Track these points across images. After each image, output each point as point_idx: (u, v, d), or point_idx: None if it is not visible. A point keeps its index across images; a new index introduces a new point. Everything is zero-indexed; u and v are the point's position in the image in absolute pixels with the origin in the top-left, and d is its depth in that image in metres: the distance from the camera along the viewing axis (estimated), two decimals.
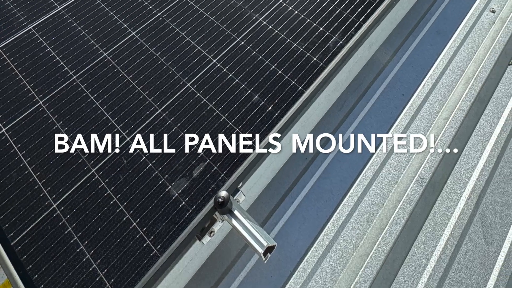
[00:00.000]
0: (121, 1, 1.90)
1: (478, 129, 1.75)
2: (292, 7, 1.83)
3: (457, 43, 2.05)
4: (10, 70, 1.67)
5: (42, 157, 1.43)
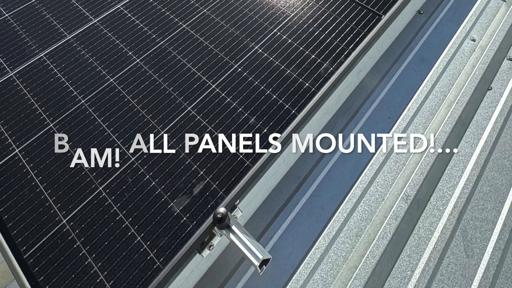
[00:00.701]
0: (127, 31, 1.93)
1: (459, 149, 1.77)
2: (286, 36, 1.87)
3: (439, 69, 2.07)
4: (23, 94, 1.71)
5: (52, 176, 1.47)
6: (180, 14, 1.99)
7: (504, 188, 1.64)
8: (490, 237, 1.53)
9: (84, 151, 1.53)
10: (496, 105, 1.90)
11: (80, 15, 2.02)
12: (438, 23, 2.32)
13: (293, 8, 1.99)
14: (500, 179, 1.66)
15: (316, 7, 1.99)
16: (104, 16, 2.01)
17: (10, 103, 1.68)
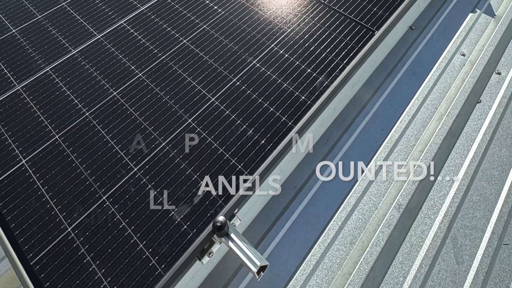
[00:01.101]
0: (129, 46, 1.94)
1: (450, 160, 1.78)
2: (283, 51, 1.88)
3: (431, 83, 2.07)
4: (30, 107, 1.72)
5: (58, 186, 1.48)
6: (181, 30, 2.00)
7: (492, 197, 1.66)
8: (479, 244, 1.55)
9: (88, 161, 1.54)
10: (485, 117, 1.92)
11: (84, 30, 2.04)
12: (429, 39, 2.33)
13: (289, 24, 2.01)
14: (489, 189, 1.68)
15: (312, 23, 2.01)
16: (108, 31, 2.02)
17: (17, 116, 1.69)
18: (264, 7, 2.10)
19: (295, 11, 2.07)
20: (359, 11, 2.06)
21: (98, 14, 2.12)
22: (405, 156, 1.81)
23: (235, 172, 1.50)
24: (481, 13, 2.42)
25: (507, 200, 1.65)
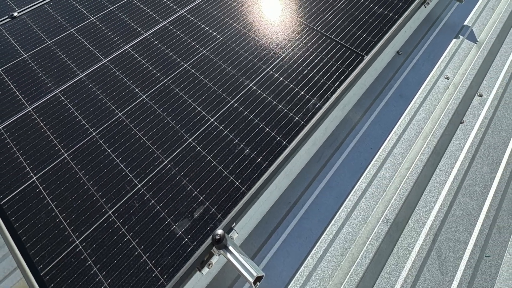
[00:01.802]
0: (134, 70, 1.95)
1: (434, 177, 1.80)
2: (278, 75, 1.90)
3: (416, 104, 2.09)
4: (40, 127, 1.73)
5: (67, 201, 1.48)
6: (182, 54, 2.02)
7: (475, 212, 1.67)
8: (462, 256, 1.56)
9: (95, 178, 1.55)
10: (467, 137, 1.94)
11: (91, 55, 2.06)
12: (415, 63, 2.34)
13: (284, 49, 2.02)
14: (472, 204, 1.70)
15: (305, 48, 2.02)
16: (114, 56, 2.04)
17: (29, 135, 1.70)
18: (260, 34, 2.12)
19: (289, 37, 2.09)
20: (349, 37, 2.08)
21: (104, 40, 2.15)
22: (393, 174, 1.81)
23: (233, 189, 1.50)
24: (464, 39, 2.45)
25: (489, 214, 1.66)
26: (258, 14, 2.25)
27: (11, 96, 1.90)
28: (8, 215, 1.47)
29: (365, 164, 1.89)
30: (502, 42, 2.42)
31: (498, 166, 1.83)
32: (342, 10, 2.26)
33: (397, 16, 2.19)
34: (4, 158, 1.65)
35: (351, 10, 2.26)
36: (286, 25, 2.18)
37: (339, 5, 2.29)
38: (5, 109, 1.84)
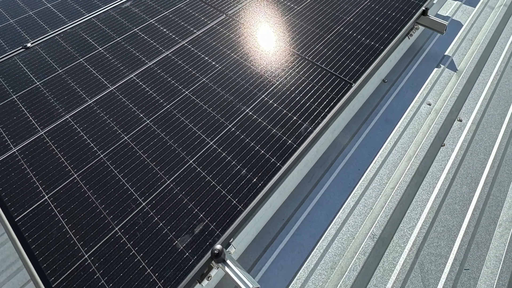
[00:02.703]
0: (138, 96, 2.00)
1: (417, 196, 1.81)
2: (272, 101, 1.94)
3: (401, 129, 2.12)
4: (51, 150, 1.78)
5: (76, 218, 1.53)
6: (183, 82, 2.08)
7: (455, 228, 1.70)
8: (443, 269, 1.58)
9: (103, 197, 1.60)
10: (448, 159, 1.97)
11: (99, 83, 2.11)
12: (399, 90, 2.39)
13: (278, 78, 2.07)
14: (452, 221, 1.73)
15: (297, 77, 2.07)
16: (120, 84, 2.10)
17: (41, 157, 1.75)
18: (256, 63, 2.18)
19: (282, 66, 2.15)
20: (338, 66, 2.13)
21: (111, 69, 2.21)
22: (379, 193, 1.84)
23: (231, 207, 1.54)
24: (444, 68, 2.51)
25: (468, 231, 1.69)
26: (254, 45, 2.32)
27: (25, 121, 1.94)
28: (22, 231, 1.51)
29: (353, 184, 1.92)
30: (480, 71, 2.47)
31: (476, 185, 1.85)
32: (332, 41, 2.33)
33: (383, 46, 2.26)
34: (18, 178, 1.69)
35: (340, 41, 2.33)
36: (280, 55, 2.24)
37: (329, 37, 2.37)
38: (19, 133, 1.89)
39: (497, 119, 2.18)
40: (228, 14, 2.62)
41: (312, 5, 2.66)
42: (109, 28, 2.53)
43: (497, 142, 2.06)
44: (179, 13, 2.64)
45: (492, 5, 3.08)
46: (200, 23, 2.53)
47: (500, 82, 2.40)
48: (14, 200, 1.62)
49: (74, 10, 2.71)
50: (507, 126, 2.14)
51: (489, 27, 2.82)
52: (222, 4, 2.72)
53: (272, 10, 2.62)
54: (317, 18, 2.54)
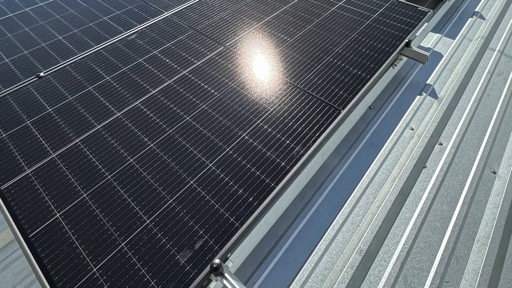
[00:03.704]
0: (143, 122, 2.06)
1: (401, 214, 1.85)
2: (267, 126, 1.99)
3: (386, 152, 2.16)
4: (62, 171, 1.83)
5: (85, 234, 1.58)
6: (185, 109, 2.14)
7: (436, 244, 1.75)
8: (425, 282, 1.62)
9: (110, 215, 1.66)
10: (429, 180, 2.01)
11: (107, 109, 2.17)
12: (384, 116, 2.44)
13: (272, 104, 2.14)
14: (433, 237, 1.77)
15: (290, 103, 2.13)
16: (126, 110, 2.16)
17: (53, 178, 1.80)
18: (252, 91, 2.25)
19: (276, 94, 2.22)
20: (328, 94, 2.20)
21: (117, 96, 2.27)
22: (365, 211, 1.87)
23: (229, 224, 1.59)
24: (426, 95, 2.57)
25: (448, 246, 1.74)
26: (250, 74, 2.39)
27: (38, 144, 2.00)
28: (35, 246, 1.57)
29: (342, 203, 1.96)
30: (459, 98, 2.53)
31: (456, 204, 1.90)
32: (322, 71, 2.42)
33: (369, 76, 2.34)
34: (32, 197, 1.76)
35: (330, 71, 2.42)
36: (274, 83, 2.31)
37: (319, 67, 2.46)
38: (33, 156, 1.95)
39: (475, 143, 2.24)
40: (226, 46, 2.71)
41: (303, 38, 2.76)
42: (116, 59, 2.60)
43: (475, 164, 2.12)
44: (180, 45, 2.74)
45: (470, 37, 3.21)
46: (200, 54, 2.61)
47: (478, 109, 2.46)
48: (28, 218, 1.66)
49: (83, 42, 2.80)
50: (484, 149, 2.21)
51: (467, 57, 2.93)
52: (220, 36, 2.81)
53: (266, 42, 2.72)
54: (309, 49, 2.64)
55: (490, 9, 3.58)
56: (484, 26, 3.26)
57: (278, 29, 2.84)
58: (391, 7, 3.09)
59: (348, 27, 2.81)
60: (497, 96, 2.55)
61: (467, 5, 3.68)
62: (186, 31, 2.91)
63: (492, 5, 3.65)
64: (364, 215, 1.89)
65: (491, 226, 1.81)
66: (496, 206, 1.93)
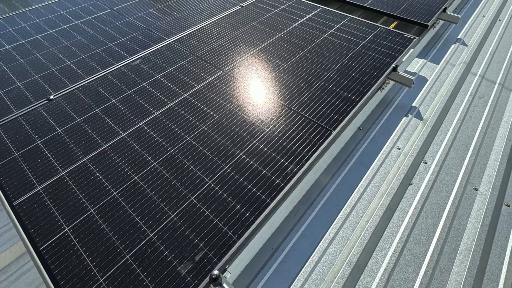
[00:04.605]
0: (147, 142, 2.11)
1: (388, 228, 1.89)
2: (262, 146, 2.04)
3: (374, 170, 2.21)
4: (71, 188, 1.87)
5: (93, 247, 1.63)
6: (186, 129, 2.20)
7: (421, 256, 1.79)
8: None
9: (116, 229, 1.71)
10: (415, 196, 2.06)
11: (112, 130, 2.23)
12: (373, 137, 2.48)
13: (267, 125, 2.19)
14: (418, 250, 1.82)
15: (284, 124, 2.19)
16: (130, 131, 2.21)
17: (62, 194, 1.84)
18: (249, 113, 2.31)
19: (271, 115, 2.28)
20: (320, 116, 2.26)
21: (123, 118, 2.33)
22: (355, 225, 1.91)
23: (227, 237, 1.63)
24: (412, 117, 2.63)
25: (432, 258, 1.78)
26: (247, 97, 2.46)
27: (48, 163, 2.05)
28: (45, 258, 1.62)
29: (333, 218, 1.99)
30: (443, 120, 2.59)
31: (440, 219, 1.94)
32: (314, 94, 2.50)
33: (359, 98, 2.40)
34: (42, 212, 1.81)
35: (322, 94, 2.50)
36: (269, 106, 2.38)
37: (312, 90, 2.54)
38: (43, 173, 2.01)
39: (457, 162, 2.30)
40: (224, 70, 2.80)
41: (297, 63, 2.85)
42: (121, 83, 2.67)
43: (458, 182, 2.18)
44: (182, 70, 2.82)
45: (453, 62, 3.30)
46: (200, 78, 2.67)
47: (460, 130, 2.52)
48: (39, 232, 1.71)
49: (90, 67, 2.87)
50: (466, 167, 2.28)
51: (450, 81, 3.03)
52: (219, 62, 2.90)
53: (262, 67, 2.81)
54: (302, 74, 2.73)
55: (472, 36, 3.70)
56: (466, 52, 3.35)
57: (273, 55, 2.92)
58: (379, 34, 3.21)
59: (339, 53, 2.90)
60: (478, 118, 2.61)
61: (450, 32, 3.81)
62: (187, 57, 3.00)
63: (473, 33, 3.76)
64: (353, 229, 1.92)
65: (473, 240, 1.85)
66: (477, 220, 1.99)
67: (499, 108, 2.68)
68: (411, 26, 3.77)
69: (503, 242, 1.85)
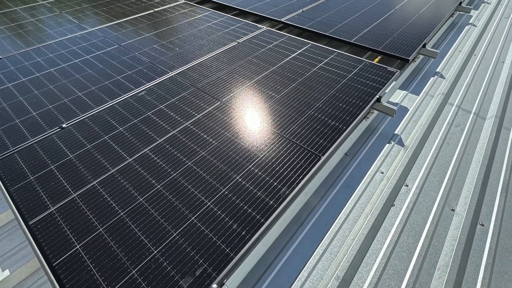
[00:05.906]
0: (151, 167, 2.17)
1: (373, 246, 1.92)
2: (257, 170, 2.10)
3: (359, 192, 2.25)
4: (82, 209, 1.94)
5: (102, 263, 1.69)
6: (187, 155, 2.26)
7: (402, 271, 1.84)
8: None
9: (123, 246, 1.77)
10: (397, 216, 2.12)
11: (120, 156, 2.30)
12: (358, 162, 2.54)
13: (261, 151, 2.26)
14: (400, 265, 1.86)
15: (277, 150, 2.25)
16: (136, 157, 2.28)
17: (73, 215, 1.91)
18: (244, 139, 2.38)
19: (265, 142, 2.35)
20: (310, 142, 2.33)
21: (129, 144, 2.39)
22: (342, 243, 1.95)
23: (224, 254, 1.67)
24: (394, 144, 2.69)
25: (413, 273, 1.84)
26: (243, 125, 2.53)
27: (61, 186, 2.10)
28: (58, 273, 1.69)
29: (322, 236, 2.03)
30: (423, 146, 2.65)
31: (420, 237, 1.98)
32: (305, 123, 2.60)
33: (345, 127, 2.48)
34: (56, 231, 1.88)
35: (311, 123, 2.59)
36: (264, 133, 2.45)
37: (302, 119, 2.64)
38: (56, 195, 2.09)
39: (436, 185, 2.39)
40: (222, 101, 2.90)
41: (289, 94, 2.96)
42: (127, 112, 2.74)
43: (436, 203, 2.26)
44: (183, 100, 2.92)
45: (432, 94, 3.42)
46: (200, 108, 2.75)
47: (439, 155, 2.60)
48: (52, 249, 1.75)
49: (99, 98, 2.97)
50: (444, 190, 2.36)
51: (429, 111, 3.11)
52: (218, 93, 3.01)
53: (257, 98, 2.92)
54: (293, 104, 2.83)
55: (449, 70, 3.83)
56: (444, 84, 3.41)
57: (267, 87, 3.01)
58: (364, 68, 3.35)
59: (327, 85, 2.99)
60: (455, 144, 2.67)
61: (429, 66, 3.94)
62: (188, 89, 3.11)
63: (451, 66, 3.90)
64: (341, 247, 1.94)
65: (450, 256, 1.89)
66: (454, 238, 2.05)
67: (474, 136, 2.73)
68: (394, 61, 3.88)
69: (477, 259, 1.92)
